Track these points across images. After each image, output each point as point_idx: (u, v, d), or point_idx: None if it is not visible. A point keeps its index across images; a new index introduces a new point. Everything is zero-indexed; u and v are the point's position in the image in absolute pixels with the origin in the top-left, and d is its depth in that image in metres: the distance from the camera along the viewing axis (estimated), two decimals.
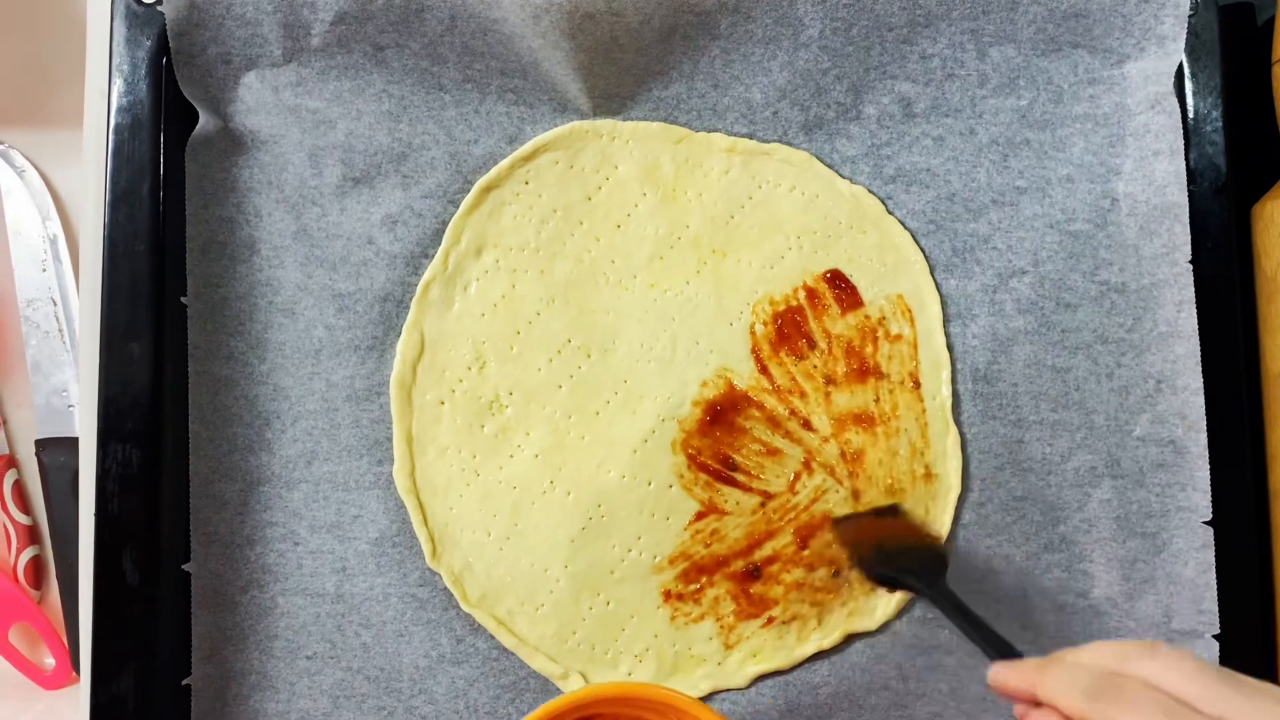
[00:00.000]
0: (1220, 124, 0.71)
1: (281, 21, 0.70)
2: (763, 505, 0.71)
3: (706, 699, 0.70)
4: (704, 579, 0.70)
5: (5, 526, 0.82)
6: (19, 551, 0.81)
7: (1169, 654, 0.48)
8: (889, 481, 0.70)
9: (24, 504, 0.83)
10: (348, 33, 0.71)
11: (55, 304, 0.84)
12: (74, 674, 0.81)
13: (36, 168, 0.85)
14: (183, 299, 0.70)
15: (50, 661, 0.81)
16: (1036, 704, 0.51)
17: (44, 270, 0.84)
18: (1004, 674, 0.53)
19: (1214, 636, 0.69)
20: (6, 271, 0.84)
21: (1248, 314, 0.72)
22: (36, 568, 0.82)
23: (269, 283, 0.71)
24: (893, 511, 0.69)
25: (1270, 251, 0.71)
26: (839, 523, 0.69)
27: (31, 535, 0.82)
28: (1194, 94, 0.71)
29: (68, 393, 0.82)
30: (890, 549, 0.67)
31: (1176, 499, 0.70)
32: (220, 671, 0.69)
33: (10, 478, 0.82)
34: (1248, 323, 0.72)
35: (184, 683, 0.68)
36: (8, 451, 0.83)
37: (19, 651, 0.81)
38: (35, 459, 0.82)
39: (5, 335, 0.84)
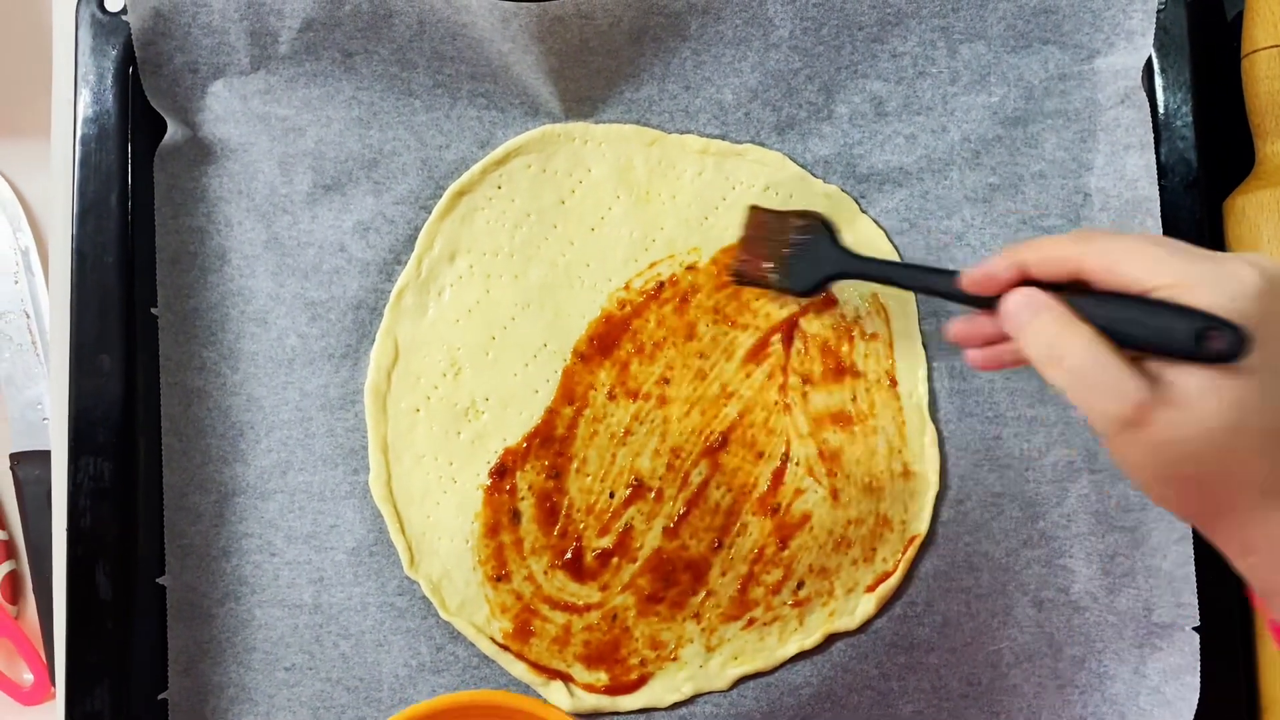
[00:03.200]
0: (1191, 119, 0.71)
1: (248, 29, 0.70)
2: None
3: (688, 702, 0.70)
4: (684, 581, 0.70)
5: None
6: None
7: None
8: (867, 480, 0.70)
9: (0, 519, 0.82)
10: (316, 39, 0.70)
11: (28, 317, 0.83)
12: (52, 690, 0.80)
13: (7, 179, 0.84)
14: (153, 310, 0.69)
15: (28, 677, 0.80)
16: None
17: (16, 283, 0.83)
18: (981, 267, 0.53)
19: (1194, 629, 0.69)
20: None
21: None
22: (13, 583, 0.82)
23: (240, 292, 0.71)
24: (754, 223, 0.67)
25: (1242, 245, 0.71)
26: (735, 278, 0.67)
27: (8, 550, 0.82)
28: (1164, 89, 0.72)
29: (42, 406, 0.82)
30: (783, 256, 0.65)
31: None
32: (197, 685, 0.69)
33: None
34: None
35: (160, 697, 0.68)
36: None
37: None
38: (10, 473, 0.81)
39: None
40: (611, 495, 0.70)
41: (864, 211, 0.72)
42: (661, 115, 0.73)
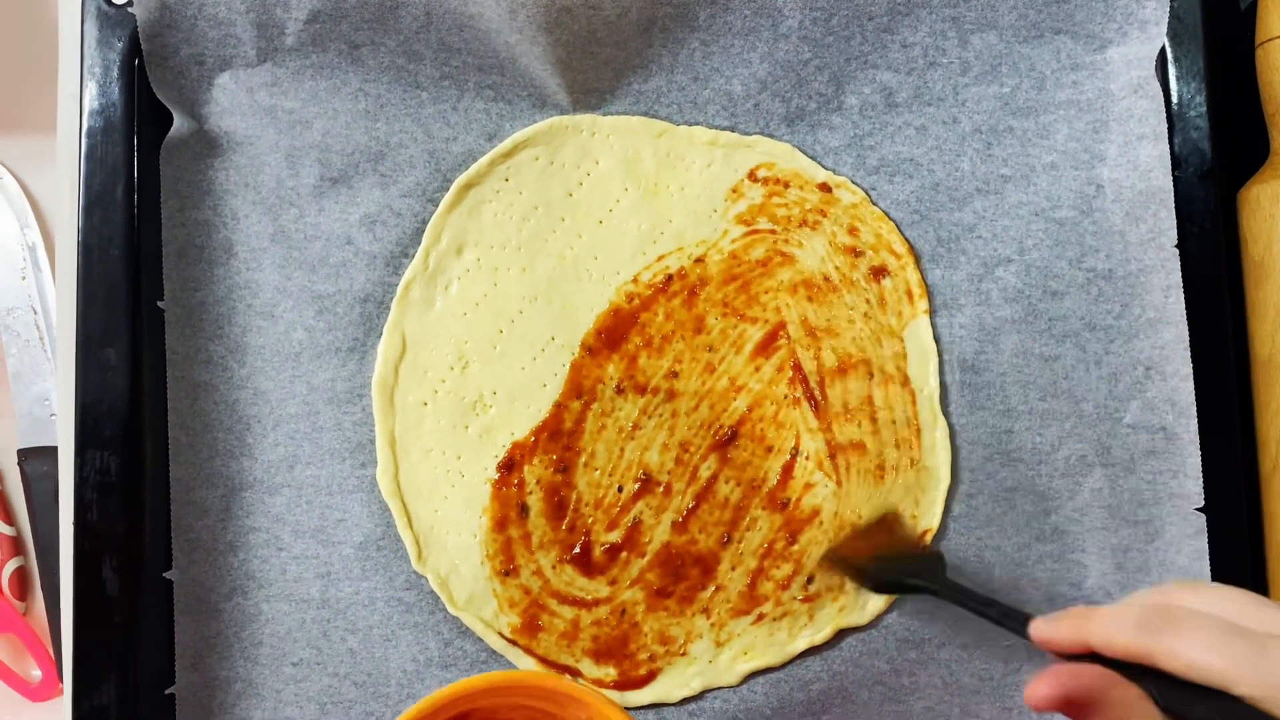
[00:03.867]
0: (1204, 108, 0.71)
1: (255, 21, 0.69)
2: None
3: (698, 698, 0.69)
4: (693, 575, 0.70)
5: None
6: (3, 563, 0.81)
7: (1214, 586, 0.49)
8: (878, 474, 0.70)
9: (7, 515, 0.82)
10: (322, 31, 0.70)
11: (35, 312, 0.83)
12: (60, 686, 0.80)
13: (14, 174, 0.84)
14: (160, 304, 0.69)
15: (37, 673, 0.80)
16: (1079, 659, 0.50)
17: (23, 278, 0.83)
18: (1048, 628, 0.52)
19: None
20: None
21: (1235, 299, 0.71)
22: (21, 579, 0.82)
23: (247, 285, 0.70)
24: (881, 525, 0.69)
25: (1257, 236, 0.70)
26: (829, 555, 0.69)
27: (15, 546, 0.82)
28: (1178, 78, 0.71)
29: (49, 401, 0.82)
30: (888, 557, 0.67)
31: (1168, 486, 0.70)
32: (204, 680, 0.68)
33: None
34: (1236, 308, 0.71)
35: (167, 692, 0.67)
36: None
37: (4, 664, 0.80)
38: (18, 469, 0.81)
39: None
40: (620, 489, 0.70)
41: (874, 203, 0.72)
42: (670, 107, 0.72)
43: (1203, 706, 0.46)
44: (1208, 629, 0.46)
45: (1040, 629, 0.52)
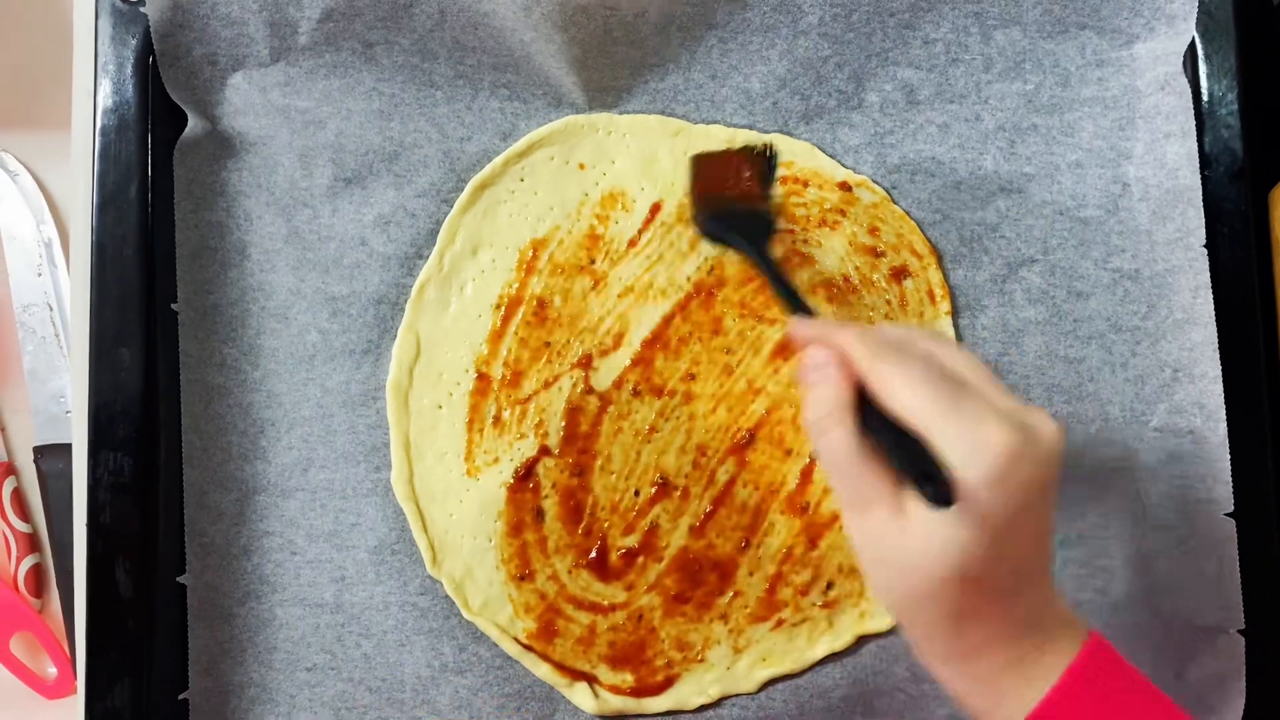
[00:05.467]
0: (1236, 106, 0.69)
1: (268, 20, 0.69)
2: None
3: (716, 705, 0.69)
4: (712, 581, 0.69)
5: (5, 535, 0.81)
6: (19, 560, 0.81)
7: (951, 341, 0.56)
8: None
9: (23, 512, 0.82)
10: (336, 30, 0.69)
11: (51, 309, 0.83)
12: (76, 684, 0.80)
13: (30, 171, 0.84)
14: (173, 305, 0.69)
15: (52, 671, 0.80)
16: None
17: (39, 275, 0.83)
18: (802, 326, 0.57)
19: (1239, 632, 0.67)
20: (1, 277, 0.83)
21: (1266, 300, 0.70)
22: (37, 576, 0.82)
23: (261, 287, 0.70)
24: (759, 155, 0.69)
25: None
26: (698, 163, 0.69)
27: (31, 543, 0.82)
28: (1208, 75, 0.69)
29: (65, 399, 0.82)
30: (727, 207, 0.67)
31: (1197, 491, 0.68)
32: (218, 685, 0.68)
33: (9, 485, 0.81)
34: (1266, 309, 0.70)
35: (181, 697, 0.67)
36: (6, 459, 0.82)
37: (20, 661, 0.80)
38: (34, 466, 0.81)
39: (2, 341, 0.83)
40: (636, 493, 0.69)
41: (895, 202, 0.70)
42: (687, 105, 0.71)
43: (887, 433, 0.50)
44: (918, 369, 0.50)
45: (794, 324, 0.58)
